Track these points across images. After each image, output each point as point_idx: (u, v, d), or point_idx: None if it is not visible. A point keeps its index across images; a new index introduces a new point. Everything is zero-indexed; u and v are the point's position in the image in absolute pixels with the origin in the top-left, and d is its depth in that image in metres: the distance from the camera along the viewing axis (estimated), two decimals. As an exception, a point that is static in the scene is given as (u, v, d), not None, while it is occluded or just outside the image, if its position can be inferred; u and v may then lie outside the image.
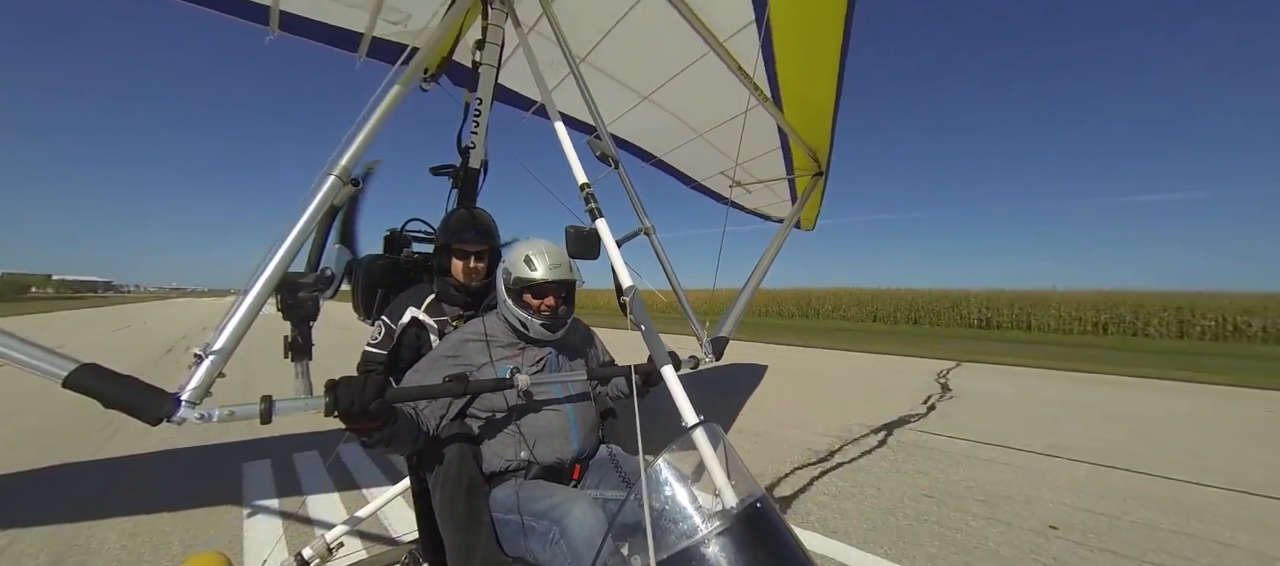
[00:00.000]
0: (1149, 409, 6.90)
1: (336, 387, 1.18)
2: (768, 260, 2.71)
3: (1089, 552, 2.91)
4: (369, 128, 1.42)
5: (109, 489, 3.68)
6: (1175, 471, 4.32)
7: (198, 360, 1.07)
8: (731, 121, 3.45)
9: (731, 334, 2.22)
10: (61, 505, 3.40)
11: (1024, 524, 3.26)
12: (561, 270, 1.80)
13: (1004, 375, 9.90)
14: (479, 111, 2.36)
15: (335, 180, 1.33)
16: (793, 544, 1.19)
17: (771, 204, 4.95)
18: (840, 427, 5.59)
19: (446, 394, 1.37)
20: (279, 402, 1.08)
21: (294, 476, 3.95)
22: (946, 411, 6.55)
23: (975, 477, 4.10)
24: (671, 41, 2.61)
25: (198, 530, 3.07)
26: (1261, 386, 8.65)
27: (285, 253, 1.23)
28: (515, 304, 1.81)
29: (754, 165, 4.04)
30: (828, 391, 7.86)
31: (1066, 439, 5.28)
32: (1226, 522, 3.33)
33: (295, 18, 2.53)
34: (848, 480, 4.01)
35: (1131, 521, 3.34)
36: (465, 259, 2.14)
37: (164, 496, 3.50)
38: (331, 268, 2.23)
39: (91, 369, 0.98)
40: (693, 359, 1.94)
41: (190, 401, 1.02)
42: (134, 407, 0.97)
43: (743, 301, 2.44)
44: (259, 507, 3.38)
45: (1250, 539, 3.10)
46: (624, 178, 1.81)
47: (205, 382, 1.05)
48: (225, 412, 1.04)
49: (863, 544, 2.95)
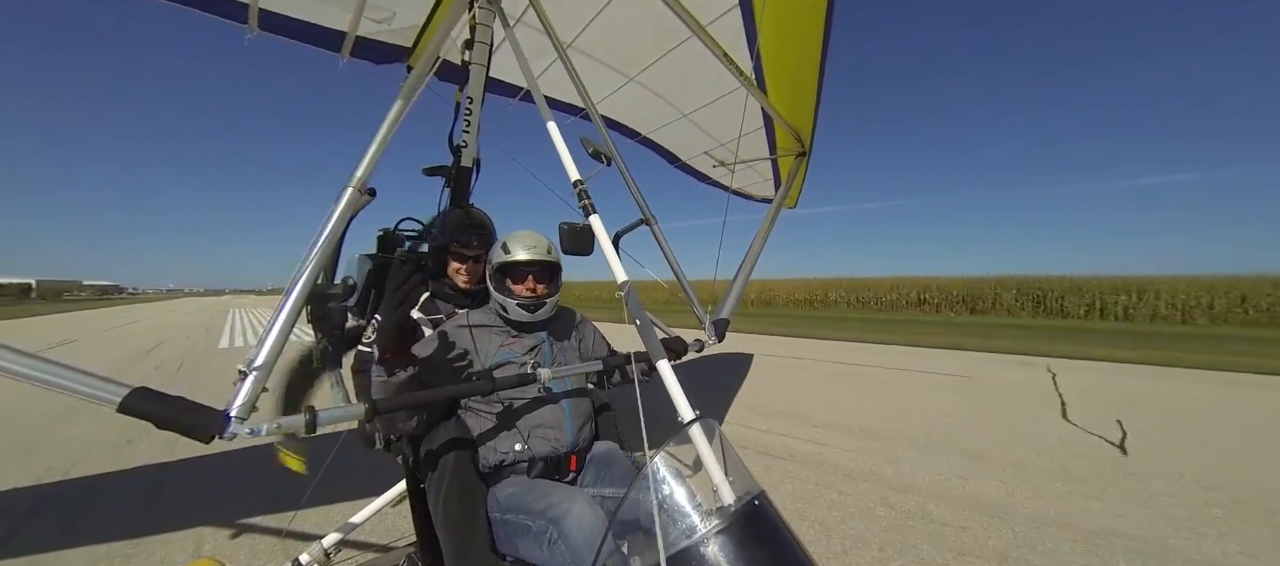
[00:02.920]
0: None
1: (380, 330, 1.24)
2: (759, 241, 2.79)
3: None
4: (379, 140, 1.47)
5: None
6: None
7: (242, 376, 1.11)
8: (716, 103, 3.50)
9: (731, 315, 2.32)
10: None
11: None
12: (538, 251, 1.84)
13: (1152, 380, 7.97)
14: (469, 110, 2.36)
15: (353, 192, 1.38)
16: (791, 540, 1.19)
17: (755, 184, 5.01)
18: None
19: (475, 392, 1.41)
20: (322, 413, 1.13)
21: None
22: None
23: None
24: (656, 24, 2.63)
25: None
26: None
27: (315, 265, 1.27)
28: (497, 289, 1.86)
29: (738, 145, 4.09)
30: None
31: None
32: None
33: (275, 16, 2.48)
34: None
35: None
36: (464, 261, 2.16)
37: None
38: (353, 277, 2.25)
39: (142, 392, 1.01)
40: (698, 342, 2.01)
41: (239, 417, 1.06)
42: (187, 428, 1.01)
43: (739, 284, 2.53)
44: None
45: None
46: (623, 169, 1.85)
47: (251, 398, 1.10)
48: (273, 425, 1.09)
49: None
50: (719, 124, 3.83)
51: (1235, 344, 13.04)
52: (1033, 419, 5.74)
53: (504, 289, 1.85)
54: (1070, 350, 11.33)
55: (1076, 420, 5.66)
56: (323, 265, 1.30)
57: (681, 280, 1.99)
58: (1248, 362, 9.46)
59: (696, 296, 2.05)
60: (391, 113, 1.54)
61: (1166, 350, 11.47)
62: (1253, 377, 8.24)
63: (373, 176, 2.26)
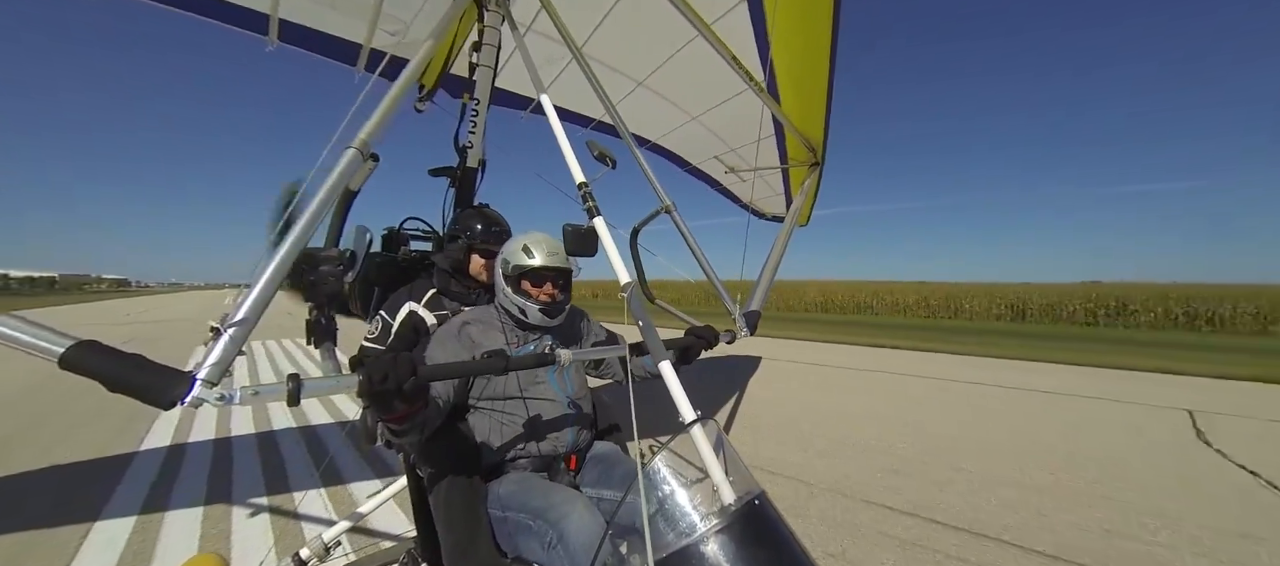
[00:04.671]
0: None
1: (367, 364, 1.09)
2: (778, 252, 2.76)
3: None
4: (386, 103, 1.43)
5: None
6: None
7: (216, 334, 0.97)
8: (725, 104, 3.50)
9: (761, 308, 2.28)
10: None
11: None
12: (558, 258, 1.83)
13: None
14: (476, 112, 2.40)
15: (355, 153, 1.29)
16: (791, 540, 1.18)
17: (767, 197, 4.98)
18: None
19: (486, 370, 1.30)
20: (308, 382, 0.99)
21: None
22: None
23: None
24: (663, 26, 2.64)
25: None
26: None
27: (306, 224, 1.16)
28: (514, 291, 1.83)
29: (749, 152, 4.08)
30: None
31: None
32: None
33: (295, 27, 2.58)
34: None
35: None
36: (489, 257, 2.18)
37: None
38: (352, 248, 2.26)
39: (91, 346, 0.86)
40: (729, 333, 1.98)
41: (208, 380, 0.92)
42: (142, 390, 0.87)
43: (767, 277, 2.52)
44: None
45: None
46: (639, 159, 1.85)
47: (224, 360, 0.95)
48: (249, 391, 0.95)
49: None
50: (729, 128, 3.83)
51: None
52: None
53: (522, 292, 1.83)
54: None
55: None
56: (314, 223, 1.19)
57: (708, 271, 1.97)
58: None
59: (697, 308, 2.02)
60: (402, 77, 1.51)
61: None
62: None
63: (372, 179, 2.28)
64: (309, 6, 2.51)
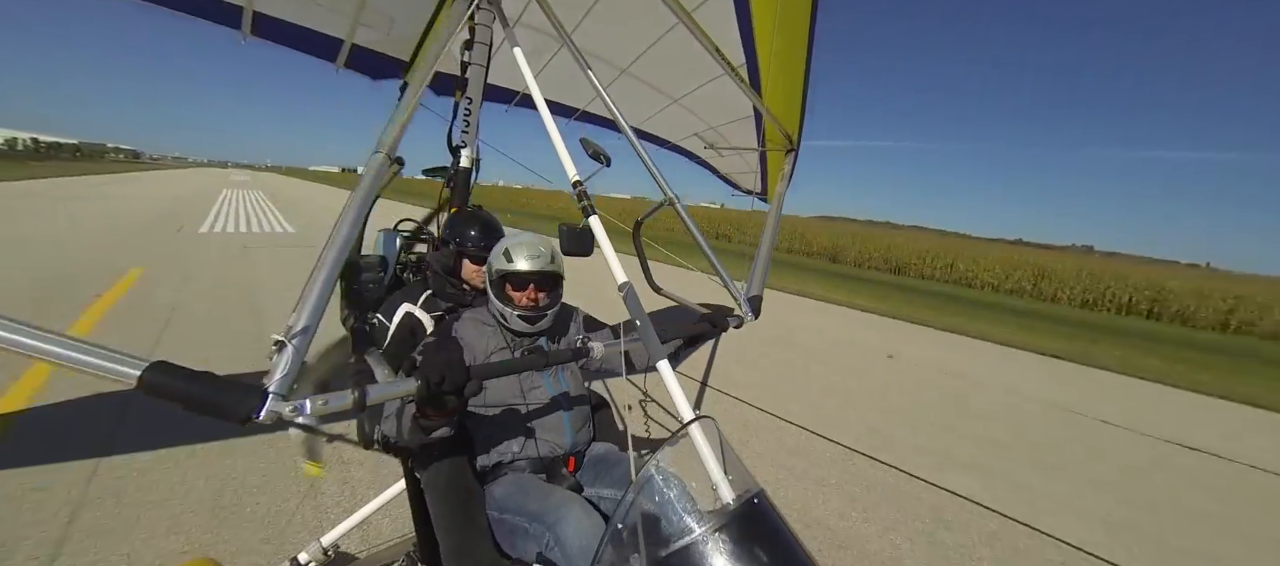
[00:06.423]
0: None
1: (422, 368, 1.12)
2: (769, 236, 2.81)
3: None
4: (405, 113, 1.43)
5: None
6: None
7: (279, 347, 0.96)
8: (706, 86, 3.50)
9: (762, 291, 2.31)
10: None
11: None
12: (542, 261, 1.81)
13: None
14: (469, 110, 2.39)
15: (382, 158, 1.30)
16: (791, 539, 1.18)
17: (744, 174, 5.08)
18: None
19: (528, 367, 1.37)
20: (372, 388, 1.02)
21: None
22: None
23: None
24: (646, 11, 2.63)
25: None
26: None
27: (351, 227, 1.16)
28: (497, 296, 1.83)
29: (728, 130, 4.14)
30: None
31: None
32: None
33: (269, 21, 2.48)
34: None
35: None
36: (479, 261, 2.18)
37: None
38: (382, 252, 2.25)
39: (163, 367, 0.87)
40: (737, 318, 2.02)
41: (279, 393, 0.92)
42: (217, 408, 0.88)
43: (763, 262, 2.52)
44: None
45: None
46: (640, 152, 1.85)
47: (293, 371, 0.94)
48: (319, 402, 0.95)
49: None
50: (708, 107, 3.88)
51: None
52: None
53: (504, 297, 1.82)
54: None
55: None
56: (359, 225, 1.22)
57: (713, 260, 1.98)
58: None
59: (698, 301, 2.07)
60: (415, 82, 1.50)
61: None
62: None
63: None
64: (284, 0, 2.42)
